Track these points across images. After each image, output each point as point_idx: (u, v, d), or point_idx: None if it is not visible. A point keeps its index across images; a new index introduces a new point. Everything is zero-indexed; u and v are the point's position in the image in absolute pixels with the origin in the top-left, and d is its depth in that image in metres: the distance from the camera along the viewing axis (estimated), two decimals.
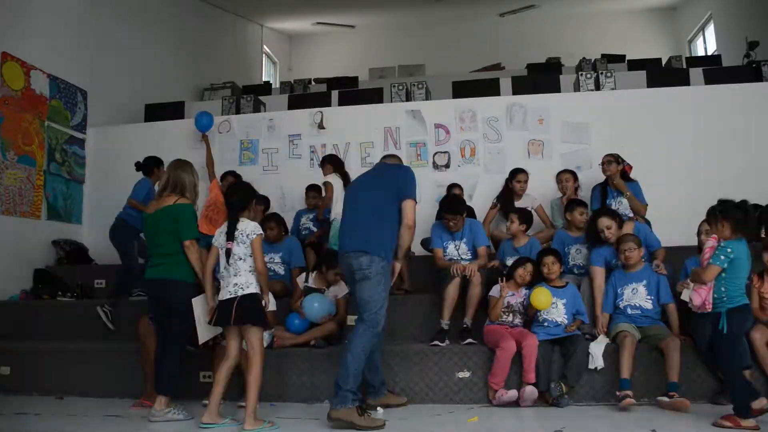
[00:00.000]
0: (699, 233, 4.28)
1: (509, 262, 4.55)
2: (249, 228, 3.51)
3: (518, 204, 5.42)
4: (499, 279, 4.24)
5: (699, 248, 4.13)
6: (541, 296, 4.00)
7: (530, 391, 3.79)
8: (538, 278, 4.24)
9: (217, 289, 3.60)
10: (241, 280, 3.45)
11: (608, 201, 5.18)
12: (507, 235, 4.90)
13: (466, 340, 4.28)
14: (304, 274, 4.71)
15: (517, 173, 5.50)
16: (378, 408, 3.71)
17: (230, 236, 3.47)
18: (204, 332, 3.71)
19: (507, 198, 5.48)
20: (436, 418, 3.66)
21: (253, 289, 3.47)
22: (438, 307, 4.42)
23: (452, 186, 5.64)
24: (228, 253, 3.46)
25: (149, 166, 5.54)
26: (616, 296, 4.18)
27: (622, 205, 5.09)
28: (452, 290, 4.33)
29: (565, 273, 4.55)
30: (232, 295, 3.43)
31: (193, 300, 3.69)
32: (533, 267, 4.25)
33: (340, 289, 4.53)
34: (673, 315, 4.07)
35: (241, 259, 3.47)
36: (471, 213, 5.34)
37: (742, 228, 3.38)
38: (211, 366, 4.01)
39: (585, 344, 3.93)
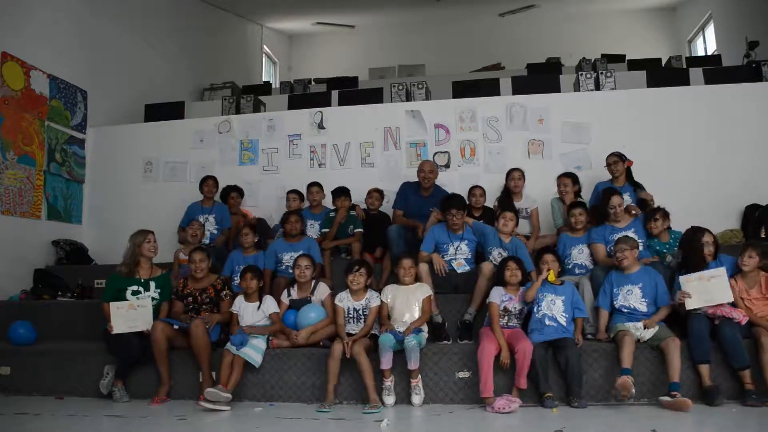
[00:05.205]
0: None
1: (495, 252, 4.68)
2: None
3: (517, 204, 5.44)
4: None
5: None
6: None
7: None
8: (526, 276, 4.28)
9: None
10: None
11: None
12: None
13: (464, 339, 4.34)
14: (285, 292, 4.57)
15: (510, 172, 5.57)
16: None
17: None
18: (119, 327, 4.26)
19: (506, 198, 5.51)
20: (436, 418, 3.66)
21: None
22: (439, 306, 4.49)
23: (474, 188, 5.52)
24: None
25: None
26: (613, 295, 4.19)
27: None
28: (423, 269, 4.50)
29: (565, 274, 4.59)
30: None
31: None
32: (518, 263, 4.26)
33: (324, 290, 4.53)
34: (662, 312, 4.07)
35: None
36: (491, 214, 5.32)
37: None
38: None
39: (577, 349, 3.90)
